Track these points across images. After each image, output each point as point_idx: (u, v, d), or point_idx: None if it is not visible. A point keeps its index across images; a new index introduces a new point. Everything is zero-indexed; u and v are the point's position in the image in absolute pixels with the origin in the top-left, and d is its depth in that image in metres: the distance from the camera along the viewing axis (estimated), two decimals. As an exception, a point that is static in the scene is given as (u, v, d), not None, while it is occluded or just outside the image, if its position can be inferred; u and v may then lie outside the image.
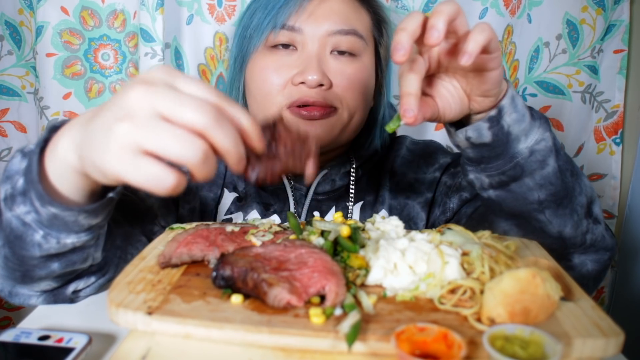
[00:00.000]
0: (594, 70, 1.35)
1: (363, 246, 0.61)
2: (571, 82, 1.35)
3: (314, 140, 0.52)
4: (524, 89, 1.38)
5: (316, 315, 0.49)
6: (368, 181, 0.96)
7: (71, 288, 0.67)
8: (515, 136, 0.66)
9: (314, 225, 0.65)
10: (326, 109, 0.83)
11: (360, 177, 0.96)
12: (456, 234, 0.63)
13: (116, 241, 0.72)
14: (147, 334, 0.49)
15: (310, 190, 0.92)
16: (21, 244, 0.58)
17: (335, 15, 0.84)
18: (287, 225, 0.71)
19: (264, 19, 0.84)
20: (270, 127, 0.51)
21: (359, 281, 0.57)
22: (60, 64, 1.27)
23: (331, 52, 0.84)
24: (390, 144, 1.00)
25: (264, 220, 0.73)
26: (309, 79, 0.80)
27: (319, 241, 0.62)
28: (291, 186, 0.92)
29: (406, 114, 0.57)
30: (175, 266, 0.60)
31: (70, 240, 0.58)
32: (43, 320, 0.62)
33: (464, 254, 0.58)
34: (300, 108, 0.82)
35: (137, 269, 0.59)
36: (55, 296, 0.66)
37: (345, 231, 0.60)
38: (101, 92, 1.32)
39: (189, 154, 0.42)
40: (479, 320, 0.50)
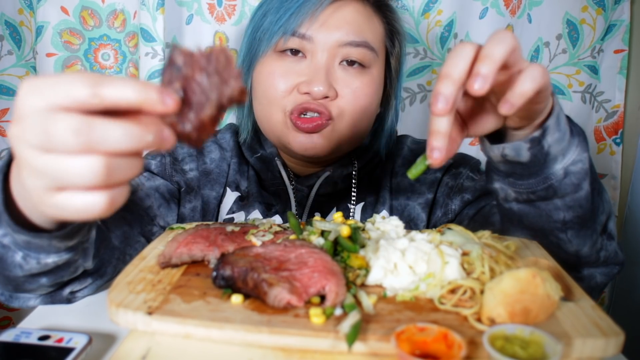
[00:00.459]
0: (594, 70, 1.34)
1: (363, 246, 0.61)
2: (571, 82, 1.35)
3: (223, 52, 0.43)
4: (524, 89, 1.38)
5: (316, 315, 0.49)
6: (369, 182, 0.96)
7: (67, 290, 0.67)
8: (553, 156, 0.60)
9: (314, 225, 0.65)
10: (320, 120, 0.82)
11: (361, 178, 0.95)
12: (456, 234, 0.63)
13: (111, 244, 0.72)
14: (147, 334, 0.49)
15: (312, 192, 0.92)
16: (3, 264, 0.57)
17: (348, 25, 0.82)
18: (287, 225, 0.71)
19: (274, 23, 0.83)
20: (174, 70, 0.43)
21: (359, 281, 0.57)
22: (60, 64, 1.27)
23: (340, 63, 0.83)
24: (392, 144, 1.00)
25: (264, 220, 0.73)
26: (314, 90, 0.80)
27: (319, 241, 0.62)
28: (293, 187, 0.92)
29: (433, 154, 0.52)
30: (176, 266, 0.60)
31: (51, 259, 0.56)
32: (43, 320, 0.62)
33: (464, 254, 0.58)
34: (298, 119, 0.82)
35: (137, 269, 0.59)
36: (53, 297, 0.67)
37: (345, 231, 0.60)
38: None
39: (89, 177, 0.38)
40: (479, 320, 0.50)
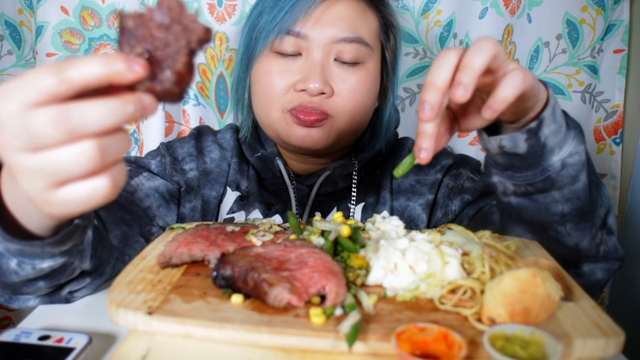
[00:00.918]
0: (593, 70, 1.34)
1: (363, 246, 0.61)
2: (571, 82, 1.35)
3: (173, 1, 0.40)
4: (524, 89, 1.38)
5: (316, 315, 0.49)
6: (370, 182, 0.96)
7: (66, 290, 0.67)
8: (550, 148, 0.62)
9: (314, 225, 0.65)
10: (320, 115, 0.83)
11: (362, 178, 0.96)
12: (456, 234, 0.63)
13: (109, 244, 0.72)
14: (147, 334, 0.49)
15: (313, 191, 0.92)
16: None
17: (341, 21, 0.83)
18: (288, 225, 0.71)
19: (270, 22, 0.83)
20: (129, 36, 0.41)
21: (359, 281, 0.57)
22: (60, 64, 1.27)
23: (335, 60, 0.84)
24: (392, 145, 1.00)
25: (264, 220, 0.73)
26: (310, 87, 0.81)
27: (319, 241, 0.62)
28: (293, 187, 0.92)
29: (420, 154, 0.54)
30: (176, 266, 0.60)
31: (46, 264, 0.56)
32: (43, 320, 0.62)
33: (465, 254, 0.58)
34: (298, 112, 0.83)
35: (137, 269, 0.59)
36: (52, 298, 0.67)
37: (345, 231, 0.60)
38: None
39: (84, 163, 0.38)
40: (479, 320, 0.50)
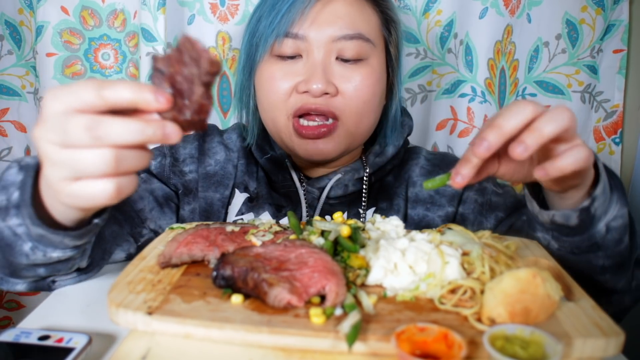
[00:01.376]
0: (593, 70, 1.34)
1: (363, 246, 0.61)
2: (571, 82, 1.35)
3: (187, 39, 0.47)
4: (524, 89, 1.38)
5: (316, 315, 0.49)
6: (382, 188, 0.95)
7: (50, 278, 0.69)
8: (598, 217, 0.63)
9: (314, 225, 0.65)
10: (329, 126, 0.82)
11: (372, 183, 0.94)
12: (456, 233, 0.63)
13: (104, 246, 0.73)
14: (147, 334, 0.50)
15: (323, 194, 0.91)
16: (10, 251, 0.61)
17: (340, 19, 0.82)
18: (287, 225, 0.71)
19: (268, 26, 0.83)
20: (159, 74, 0.49)
21: (359, 281, 0.57)
22: (60, 63, 1.27)
23: (337, 58, 0.83)
24: (405, 153, 0.98)
25: (264, 220, 0.73)
26: (313, 87, 0.79)
27: (319, 241, 0.62)
28: (303, 189, 0.91)
29: (456, 178, 0.55)
30: (175, 266, 0.60)
31: (56, 254, 0.61)
32: (43, 320, 0.61)
33: (464, 254, 0.58)
34: (302, 127, 0.82)
35: (137, 269, 0.59)
36: (37, 284, 0.69)
37: (345, 231, 0.60)
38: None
39: (100, 166, 0.45)
40: (479, 320, 0.50)
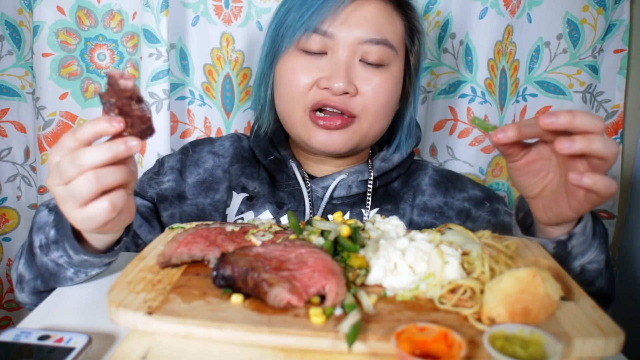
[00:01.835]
0: (594, 70, 1.34)
1: (363, 246, 0.61)
2: (572, 82, 1.35)
3: (110, 75, 0.54)
4: (524, 89, 1.37)
5: (316, 315, 0.49)
6: (385, 193, 0.96)
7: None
8: (574, 255, 0.66)
9: (314, 224, 0.65)
10: (345, 120, 0.84)
11: (377, 188, 0.95)
12: (456, 233, 0.63)
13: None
14: (147, 334, 0.50)
15: (327, 194, 0.91)
16: (55, 279, 0.69)
17: (368, 23, 0.84)
18: (287, 224, 0.71)
19: (297, 20, 0.84)
20: (107, 105, 0.56)
21: (359, 281, 0.57)
22: (56, 64, 1.27)
23: (360, 60, 0.85)
24: (412, 163, 1.00)
25: (264, 220, 0.73)
26: (334, 86, 0.81)
27: (319, 241, 0.62)
28: (307, 188, 0.92)
29: (498, 134, 0.60)
30: (175, 266, 0.60)
31: (95, 272, 0.70)
32: (43, 320, 0.61)
33: (464, 253, 0.58)
34: (318, 117, 0.84)
35: (137, 269, 0.59)
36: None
37: (345, 231, 0.60)
38: (97, 93, 1.31)
39: (88, 187, 0.54)
40: (479, 320, 0.50)
